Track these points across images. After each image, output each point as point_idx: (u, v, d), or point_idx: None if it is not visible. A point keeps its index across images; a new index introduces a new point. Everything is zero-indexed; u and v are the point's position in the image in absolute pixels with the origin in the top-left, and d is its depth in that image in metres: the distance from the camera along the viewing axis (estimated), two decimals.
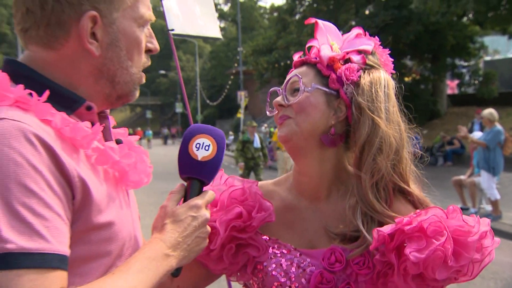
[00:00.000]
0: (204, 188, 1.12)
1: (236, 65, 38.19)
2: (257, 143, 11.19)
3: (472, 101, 21.31)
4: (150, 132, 44.93)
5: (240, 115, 24.90)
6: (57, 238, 0.85)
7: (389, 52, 1.36)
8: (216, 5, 77.48)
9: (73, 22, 0.99)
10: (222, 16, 75.72)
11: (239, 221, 1.22)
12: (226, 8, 74.86)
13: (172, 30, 1.96)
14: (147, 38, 1.10)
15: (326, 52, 1.25)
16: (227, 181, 1.29)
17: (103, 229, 0.98)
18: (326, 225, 1.24)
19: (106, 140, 1.08)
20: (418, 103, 21.89)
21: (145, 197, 10.38)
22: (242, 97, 24.77)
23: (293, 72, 1.28)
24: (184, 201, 1.09)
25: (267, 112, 1.32)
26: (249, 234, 1.23)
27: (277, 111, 1.27)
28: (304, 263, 1.20)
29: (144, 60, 1.11)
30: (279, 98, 1.25)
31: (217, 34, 2.23)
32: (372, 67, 1.26)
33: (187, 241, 1.03)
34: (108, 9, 1.01)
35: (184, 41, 62.11)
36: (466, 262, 1.06)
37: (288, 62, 26.52)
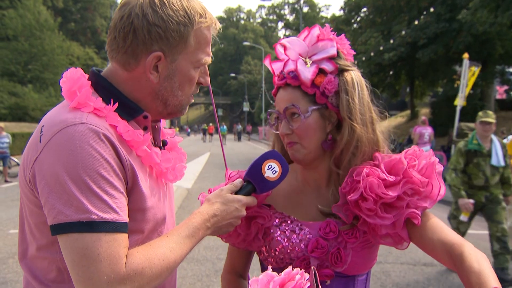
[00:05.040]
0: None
1: None
2: (498, 159, 4.82)
3: None
4: (225, 127, 41.86)
5: None
6: (123, 211, 1.02)
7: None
8: (282, 15, 77.15)
9: (143, 56, 1.12)
10: (287, 25, 75.56)
11: None
12: (291, 18, 74.62)
13: None
14: (201, 74, 1.21)
15: (306, 75, 1.28)
16: (231, 176, 1.41)
17: (146, 211, 1.12)
18: (325, 206, 1.34)
19: (155, 139, 1.25)
20: (466, 107, 21.01)
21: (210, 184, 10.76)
22: None
23: (284, 100, 1.31)
24: (236, 193, 1.24)
25: (272, 129, 1.39)
26: (252, 208, 1.34)
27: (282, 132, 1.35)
28: (304, 231, 1.31)
29: (194, 89, 1.22)
30: (284, 128, 1.31)
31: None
32: (343, 70, 1.30)
33: (223, 222, 1.18)
34: (172, 52, 1.13)
35: (252, 47, 62.63)
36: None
37: None
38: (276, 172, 1.26)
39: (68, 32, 50.40)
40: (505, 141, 8.73)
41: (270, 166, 1.26)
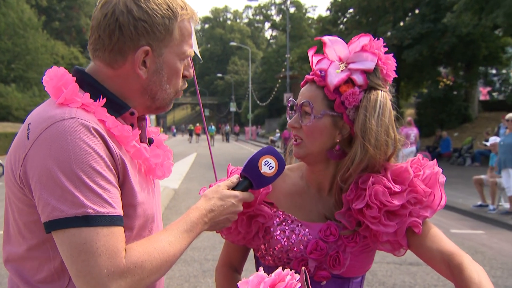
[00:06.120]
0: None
1: (284, 70, 38.12)
2: None
3: (502, 107, 20.52)
4: (213, 127, 40.06)
5: None
6: (117, 204, 1.02)
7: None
8: (269, 16, 77.27)
9: (130, 52, 1.11)
10: (273, 25, 75.68)
11: None
12: (277, 18, 74.71)
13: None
14: (185, 67, 1.22)
15: (332, 79, 1.27)
16: (232, 172, 1.42)
17: (137, 207, 1.12)
18: (327, 211, 1.34)
19: (141, 137, 1.23)
20: (451, 108, 21.30)
21: (198, 185, 10.73)
22: None
23: (305, 95, 1.32)
24: (233, 189, 1.24)
25: (287, 118, 1.39)
26: (254, 207, 1.35)
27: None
28: (304, 232, 1.31)
29: (181, 84, 1.23)
30: (293, 121, 1.33)
31: (198, 55, 2.71)
32: (372, 87, 1.28)
33: (220, 217, 1.20)
34: (159, 46, 1.13)
35: (239, 47, 62.58)
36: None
37: None
38: (272, 167, 1.26)
39: (53, 31, 49.81)
40: (492, 139, 8.90)
41: (266, 162, 1.25)
